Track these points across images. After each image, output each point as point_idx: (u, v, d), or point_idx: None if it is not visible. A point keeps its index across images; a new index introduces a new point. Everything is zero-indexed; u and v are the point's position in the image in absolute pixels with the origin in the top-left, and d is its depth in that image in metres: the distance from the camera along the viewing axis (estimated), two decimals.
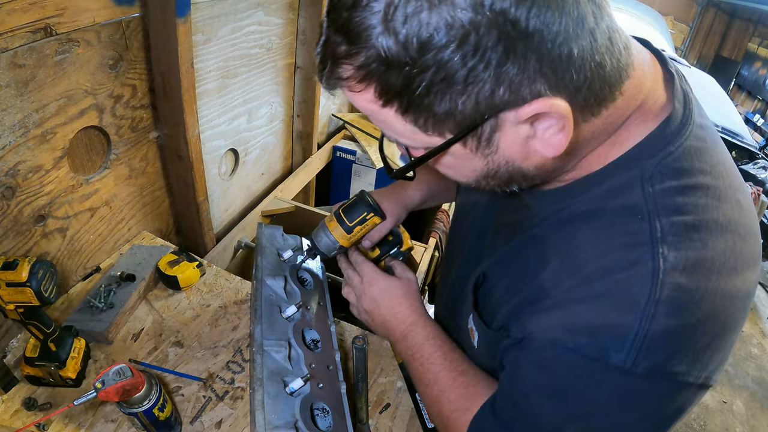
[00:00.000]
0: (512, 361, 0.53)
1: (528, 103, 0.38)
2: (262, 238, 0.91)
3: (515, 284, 0.54)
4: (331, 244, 0.84)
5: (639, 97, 0.45)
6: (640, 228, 0.42)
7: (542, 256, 0.50)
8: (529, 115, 0.38)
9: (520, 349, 0.51)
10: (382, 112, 0.41)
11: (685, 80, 0.49)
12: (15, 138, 0.76)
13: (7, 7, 0.67)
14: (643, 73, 0.45)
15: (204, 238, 1.26)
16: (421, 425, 0.80)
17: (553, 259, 0.49)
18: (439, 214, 1.71)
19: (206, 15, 1.09)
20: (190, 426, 0.76)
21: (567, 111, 0.38)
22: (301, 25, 1.52)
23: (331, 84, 0.42)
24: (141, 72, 0.98)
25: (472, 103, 0.38)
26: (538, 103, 0.38)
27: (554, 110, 0.38)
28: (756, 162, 3.89)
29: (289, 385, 0.67)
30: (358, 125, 2.11)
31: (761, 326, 3.39)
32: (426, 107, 0.39)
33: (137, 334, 0.90)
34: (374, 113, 0.42)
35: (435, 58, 0.35)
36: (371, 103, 0.40)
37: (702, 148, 0.45)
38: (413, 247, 0.96)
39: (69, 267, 0.96)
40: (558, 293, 0.47)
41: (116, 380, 0.61)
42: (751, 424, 2.53)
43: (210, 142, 1.26)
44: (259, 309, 0.77)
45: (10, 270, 0.64)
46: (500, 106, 0.38)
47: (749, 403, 2.66)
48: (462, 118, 0.39)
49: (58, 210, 0.89)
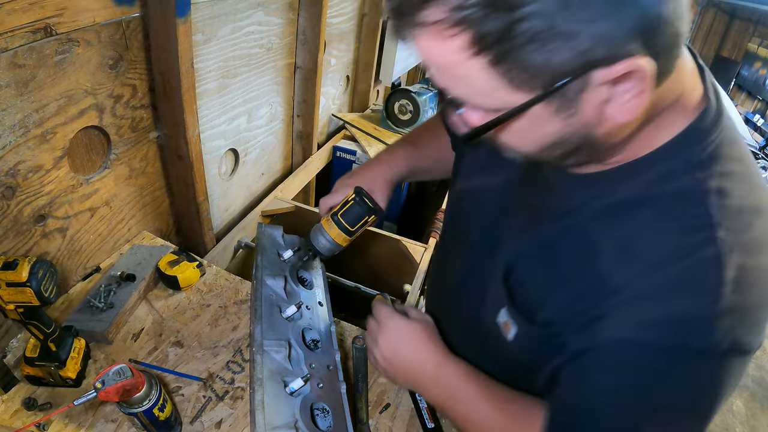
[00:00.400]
0: (577, 374, 0.50)
1: (620, 61, 0.36)
2: (262, 238, 0.91)
3: (560, 277, 0.52)
4: (331, 246, 0.84)
5: (680, 85, 0.45)
6: (695, 213, 0.43)
7: (588, 246, 0.49)
8: (619, 74, 0.37)
9: (588, 359, 0.48)
10: (466, 65, 0.38)
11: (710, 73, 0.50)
12: (15, 138, 0.76)
13: (7, 7, 0.67)
14: (683, 60, 0.45)
15: (204, 238, 1.26)
16: (421, 425, 0.80)
17: (606, 250, 0.48)
18: (439, 214, 1.71)
19: (206, 15, 1.09)
20: (190, 426, 0.76)
21: (652, 73, 0.37)
22: (301, 25, 1.52)
23: (410, 30, 0.38)
24: (141, 72, 0.98)
25: (569, 57, 0.36)
26: (629, 62, 0.36)
27: (641, 72, 0.37)
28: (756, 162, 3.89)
29: (289, 385, 0.67)
30: (358, 125, 2.11)
31: None
32: (521, 59, 0.36)
33: (137, 334, 0.90)
34: (454, 66, 0.39)
35: (541, 2, 0.33)
36: (457, 53, 0.37)
37: (733, 138, 0.47)
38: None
39: (69, 267, 0.96)
40: (622, 286, 0.46)
41: (116, 380, 0.61)
42: (751, 424, 2.53)
43: (210, 142, 1.26)
44: (259, 309, 0.77)
45: (10, 270, 0.64)
46: (595, 62, 0.36)
47: (749, 403, 2.66)
48: (554, 74, 0.37)
49: (58, 210, 0.89)
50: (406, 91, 2.08)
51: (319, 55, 1.58)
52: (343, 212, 0.81)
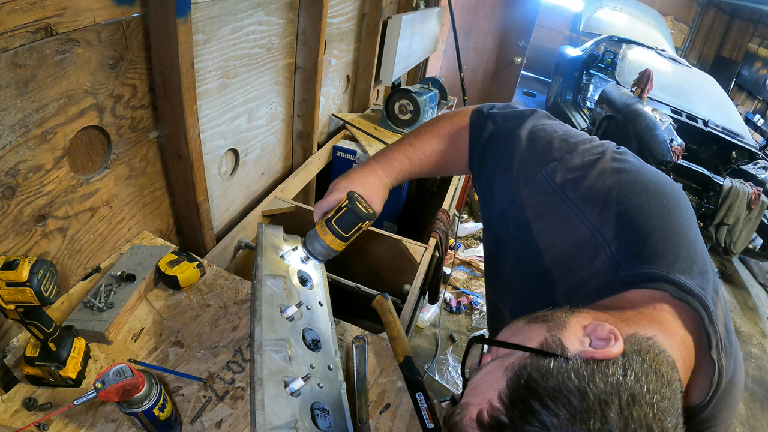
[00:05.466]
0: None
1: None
2: (263, 238, 0.91)
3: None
4: (326, 252, 0.85)
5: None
6: None
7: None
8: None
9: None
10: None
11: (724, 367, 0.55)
12: (15, 138, 0.76)
13: (8, 6, 0.67)
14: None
15: (204, 238, 1.26)
16: (421, 425, 0.80)
17: None
18: (440, 214, 1.71)
19: (206, 15, 1.09)
20: (190, 426, 0.76)
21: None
22: (302, 24, 1.52)
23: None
24: (141, 72, 0.98)
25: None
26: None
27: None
28: (756, 162, 3.89)
29: (290, 385, 0.67)
30: (358, 125, 2.11)
31: (761, 326, 3.39)
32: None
33: (137, 333, 0.90)
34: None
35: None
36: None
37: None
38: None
39: (69, 267, 0.96)
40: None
41: (116, 380, 0.61)
42: (751, 424, 2.53)
43: (210, 142, 1.26)
44: (259, 309, 0.77)
45: (10, 270, 0.64)
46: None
47: (749, 403, 2.66)
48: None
49: (59, 210, 0.89)
50: (406, 91, 2.08)
51: (320, 55, 1.58)
52: (337, 218, 0.81)
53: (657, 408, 0.42)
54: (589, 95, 5.26)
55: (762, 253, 3.71)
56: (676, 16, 7.43)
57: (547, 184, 0.66)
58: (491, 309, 0.89)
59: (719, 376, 0.53)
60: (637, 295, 0.56)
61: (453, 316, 2.75)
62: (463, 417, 0.47)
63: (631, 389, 0.42)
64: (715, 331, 0.53)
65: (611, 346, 0.46)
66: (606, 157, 0.64)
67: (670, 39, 6.05)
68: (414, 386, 0.85)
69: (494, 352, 0.53)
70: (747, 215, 3.34)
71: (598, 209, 0.60)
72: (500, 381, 0.46)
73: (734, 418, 0.51)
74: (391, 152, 0.90)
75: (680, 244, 0.56)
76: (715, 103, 4.48)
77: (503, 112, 0.80)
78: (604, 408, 0.40)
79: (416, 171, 0.90)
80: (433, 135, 0.88)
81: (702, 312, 0.53)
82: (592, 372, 0.43)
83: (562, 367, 0.44)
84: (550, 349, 0.47)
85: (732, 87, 6.65)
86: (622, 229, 0.58)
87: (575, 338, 0.48)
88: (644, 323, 0.52)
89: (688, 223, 0.59)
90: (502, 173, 0.73)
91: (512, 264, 0.72)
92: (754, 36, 6.62)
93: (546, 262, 0.65)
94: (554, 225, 0.64)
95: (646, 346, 0.47)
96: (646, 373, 0.44)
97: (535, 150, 0.70)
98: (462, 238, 3.37)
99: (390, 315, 0.99)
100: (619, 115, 3.94)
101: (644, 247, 0.56)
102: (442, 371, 2.36)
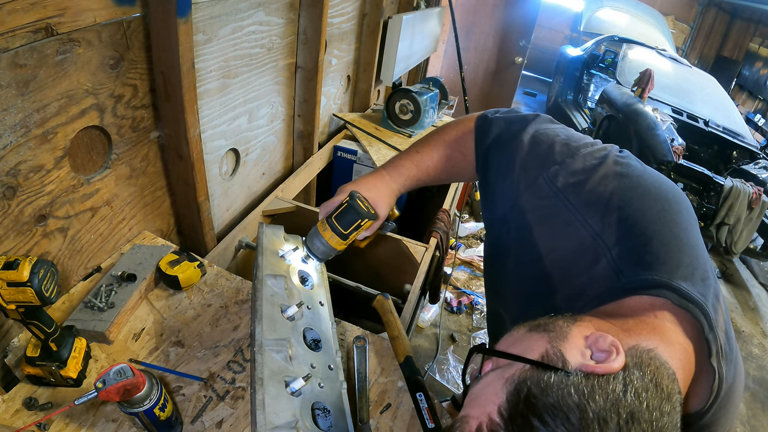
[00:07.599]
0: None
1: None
2: (263, 238, 0.91)
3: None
4: (326, 249, 0.85)
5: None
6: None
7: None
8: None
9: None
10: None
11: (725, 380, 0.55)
12: (16, 138, 0.76)
13: (8, 7, 0.67)
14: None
15: (205, 238, 1.26)
16: (421, 425, 0.80)
17: None
18: (440, 213, 1.71)
19: (207, 15, 1.09)
20: (190, 426, 0.76)
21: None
22: (302, 24, 1.52)
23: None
24: (142, 72, 0.98)
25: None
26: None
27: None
28: (757, 162, 3.88)
29: (290, 385, 0.67)
30: (358, 125, 2.11)
31: (762, 326, 3.39)
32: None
33: (138, 333, 0.90)
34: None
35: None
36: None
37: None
38: (398, 214, 0.98)
39: (70, 267, 0.96)
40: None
41: (117, 380, 0.61)
42: (751, 424, 2.52)
43: (211, 142, 1.26)
44: (259, 309, 0.77)
45: (11, 270, 0.64)
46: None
47: (749, 403, 2.66)
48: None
49: (59, 210, 0.89)
50: (407, 90, 2.08)
51: (320, 54, 1.58)
52: (337, 215, 0.82)
53: (655, 426, 0.42)
54: (590, 95, 5.25)
55: (763, 253, 3.71)
56: (676, 16, 7.42)
57: (548, 188, 0.65)
58: (491, 313, 0.89)
59: (719, 383, 0.53)
60: (638, 302, 0.55)
61: (454, 315, 2.75)
62: (463, 431, 0.46)
63: (630, 406, 0.42)
64: (716, 338, 0.53)
65: (612, 360, 0.46)
66: (608, 161, 0.64)
67: (670, 39, 6.05)
68: (415, 386, 0.85)
69: (495, 361, 0.53)
70: (748, 215, 3.34)
71: (599, 214, 0.60)
72: (500, 394, 0.46)
73: (734, 422, 0.51)
74: (399, 160, 0.92)
75: (682, 250, 0.56)
76: (715, 103, 4.47)
77: (507, 116, 0.80)
78: (602, 426, 0.40)
79: (423, 177, 0.91)
80: (439, 142, 0.90)
81: (702, 320, 0.53)
82: (593, 388, 0.43)
83: (563, 382, 0.44)
84: (551, 362, 0.47)
85: (733, 87, 6.65)
86: (623, 234, 0.58)
87: (576, 350, 0.48)
88: (645, 333, 0.52)
89: (690, 228, 0.59)
90: (503, 177, 0.73)
91: (512, 268, 0.72)
92: (754, 36, 6.62)
93: (546, 267, 0.65)
94: (555, 229, 0.64)
95: (647, 359, 0.47)
96: (647, 389, 0.44)
97: (536, 154, 0.70)
98: (463, 237, 3.37)
99: (391, 315, 0.99)
100: (620, 115, 3.94)
101: (646, 253, 0.56)
102: (442, 371, 2.36)
